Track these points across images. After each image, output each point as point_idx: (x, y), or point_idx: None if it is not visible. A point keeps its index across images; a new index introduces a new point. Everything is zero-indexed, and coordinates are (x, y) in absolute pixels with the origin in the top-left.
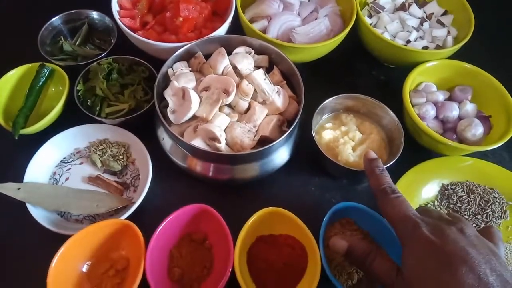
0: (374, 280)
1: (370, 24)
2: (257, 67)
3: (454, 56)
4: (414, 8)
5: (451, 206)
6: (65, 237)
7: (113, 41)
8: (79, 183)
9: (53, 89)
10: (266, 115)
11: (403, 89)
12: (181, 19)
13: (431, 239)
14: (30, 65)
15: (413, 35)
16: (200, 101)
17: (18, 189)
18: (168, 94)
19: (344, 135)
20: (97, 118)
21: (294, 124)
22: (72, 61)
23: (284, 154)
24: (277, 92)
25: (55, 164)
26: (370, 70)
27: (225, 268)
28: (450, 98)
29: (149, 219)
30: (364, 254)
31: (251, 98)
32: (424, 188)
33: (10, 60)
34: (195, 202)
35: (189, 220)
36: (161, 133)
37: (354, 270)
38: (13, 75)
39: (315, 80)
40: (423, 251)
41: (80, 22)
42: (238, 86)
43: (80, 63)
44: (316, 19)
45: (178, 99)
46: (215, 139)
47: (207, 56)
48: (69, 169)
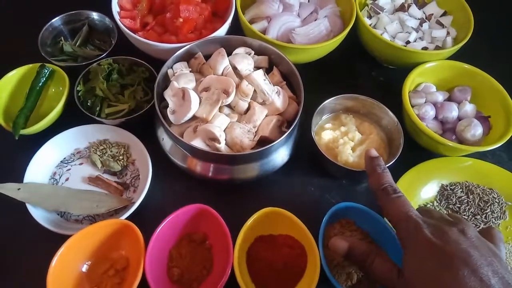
0: (374, 281)
1: (370, 25)
2: (257, 67)
3: (453, 57)
4: (413, 9)
5: (450, 206)
6: (65, 237)
7: (113, 42)
8: (79, 183)
9: (53, 90)
10: (266, 116)
11: (402, 90)
12: (181, 20)
13: (433, 241)
14: (30, 65)
15: (413, 36)
16: (200, 101)
17: (18, 189)
18: (168, 94)
19: (344, 136)
20: (97, 118)
21: (294, 125)
22: (72, 61)
23: (284, 154)
24: (276, 92)
25: (55, 164)
26: (370, 70)
27: (225, 268)
28: (449, 99)
29: (149, 219)
30: (364, 254)
31: (251, 99)
32: (423, 188)
33: (10, 60)
34: (194, 202)
35: (188, 220)
36: (161, 134)
37: (353, 270)
38: (14, 76)
39: (315, 81)
40: (425, 253)
41: (80, 23)
42: (238, 86)
43: (80, 63)
44: (315, 20)
45: (178, 100)
46: (215, 139)
47: (207, 57)
48: (69, 169)
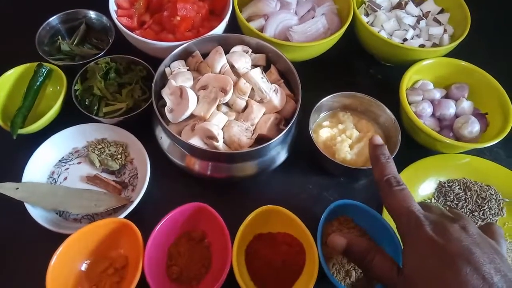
0: (372, 278)
1: (367, 23)
2: (255, 65)
3: (450, 54)
4: (410, 6)
5: (448, 203)
6: (63, 236)
7: (110, 40)
8: (77, 182)
9: (51, 89)
10: (264, 114)
11: (400, 87)
12: (178, 18)
13: (434, 239)
14: (28, 65)
15: (410, 33)
16: (198, 100)
17: (17, 188)
18: (165, 93)
19: (341, 133)
20: (95, 117)
21: (292, 123)
22: (69, 60)
23: (282, 152)
24: (274, 90)
25: (54, 163)
26: (367, 68)
27: (224, 266)
28: (446, 96)
29: (148, 217)
30: (364, 251)
31: (249, 97)
32: (421, 185)
33: (8, 60)
34: (193, 201)
35: (187, 219)
36: (159, 132)
37: (352, 268)
38: (11, 75)
39: (312, 79)
40: (426, 251)
41: (77, 22)
42: (235, 84)
43: (78, 62)
44: (313, 17)
45: (176, 98)
46: (212, 137)
47: (205, 55)
48: (67, 168)
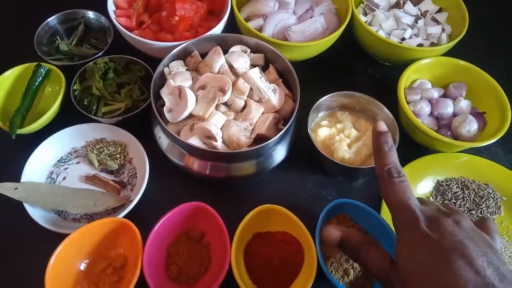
0: (366, 271)
1: (365, 22)
2: (253, 65)
3: (448, 53)
4: (408, 6)
5: (446, 202)
6: (62, 236)
7: (109, 40)
8: (76, 182)
9: (50, 89)
10: (262, 113)
11: (398, 87)
12: (177, 18)
13: (429, 234)
14: (26, 65)
15: (408, 33)
16: (197, 99)
17: (16, 188)
18: (164, 93)
19: (340, 133)
20: (93, 117)
21: (290, 122)
22: (68, 61)
23: (280, 152)
24: (273, 90)
25: (52, 163)
26: (365, 67)
27: (222, 265)
28: (444, 95)
29: (147, 217)
30: (358, 244)
31: (247, 97)
32: (419, 184)
33: (6, 60)
34: (192, 200)
35: (186, 218)
36: (158, 132)
37: (350, 267)
38: (10, 75)
39: (311, 78)
40: (420, 244)
41: (76, 22)
42: (234, 84)
43: (77, 62)
44: (311, 17)
45: (175, 98)
46: (211, 137)
47: (203, 55)
48: (66, 168)
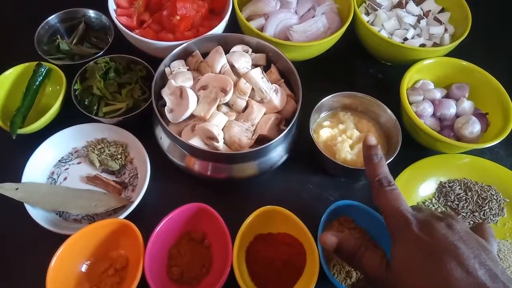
0: (363, 275)
1: (367, 22)
2: (255, 65)
3: (451, 54)
4: (411, 6)
5: (448, 203)
6: (64, 237)
7: (110, 39)
8: (77, 182)
9: (50, 89)
10: (264, 114)
11: (400, 87)
12: (178, 17)
13: (421, 236)
14: (27, 64)
15: (410, 33)
16: (198, 100)
17: (16, 189)
18: (165, 93)
19: (342, 133)
20: (94, 117)
21: (292, 123)
22: (69, 60)
23: (282, 152)
24: (274, 90)
25: (53, 163)
26: (368, 68)
27: (224, 266)
28: (447, 96)
29: (148, 218)
30: (353, 250)
31: (249, 97)
32: (421, 185)
33: (6, 59)
34: (193, 201)
35: (187, 219)
36: (159, 132)
37: (352, 269)
38: (10, 75)
39: (313, 78)
40: (413, 247)
41: (76, 21)
42: (235, 84)
43: (77, 62)
44: (313, 17)
45: (176, 98)
46: (213, 138)
47: (205, 55)
48: (67, 168)
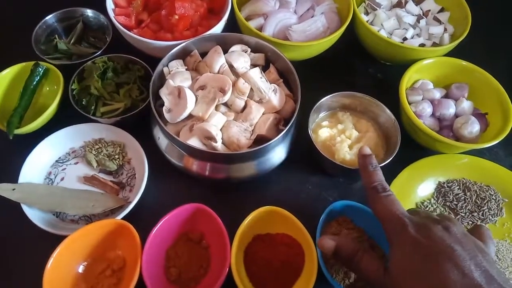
0: (361, 279)
1: (367, 22)
2: (253, 65)
3: (450, 54)
4: (410, 5)
5: (447, 204)
6: (61, 238)
7: (108, 39)
8: (74, 183)
9: (48, 88)
10: (263, 114)
11: (399, 87)
12: (176, 17)
13: (418, 239)
14: (24, 64)
15: (410, 33)
16: (196, 100)
17: (13, 189)
18: (163, 93)
19: (341, 133)
20: (92, 117)
21: (291, 123)
22: (66, 59)
23: (281, 152)
24: (273, 90)
25: (50, 164)
26: (367, 67)
27: (222, 267)
28: (446, 96)
29: (146, 218)
30: (352, 253)
31: (248, 97)
32: (420, 185)
33: (4, 59)
34: (191, 202)
35: (185, 220)
36: (157, 132)
37: None
38: (7, 74)
39: (312, 78)
40: (410, 250)
41: (74, 20)
42: (234, 84)
43: (75, 61)
44: (312, 16)
45: (174, 98)
46: (211, 138)
47: (203, 55)
48: (64, 169)
